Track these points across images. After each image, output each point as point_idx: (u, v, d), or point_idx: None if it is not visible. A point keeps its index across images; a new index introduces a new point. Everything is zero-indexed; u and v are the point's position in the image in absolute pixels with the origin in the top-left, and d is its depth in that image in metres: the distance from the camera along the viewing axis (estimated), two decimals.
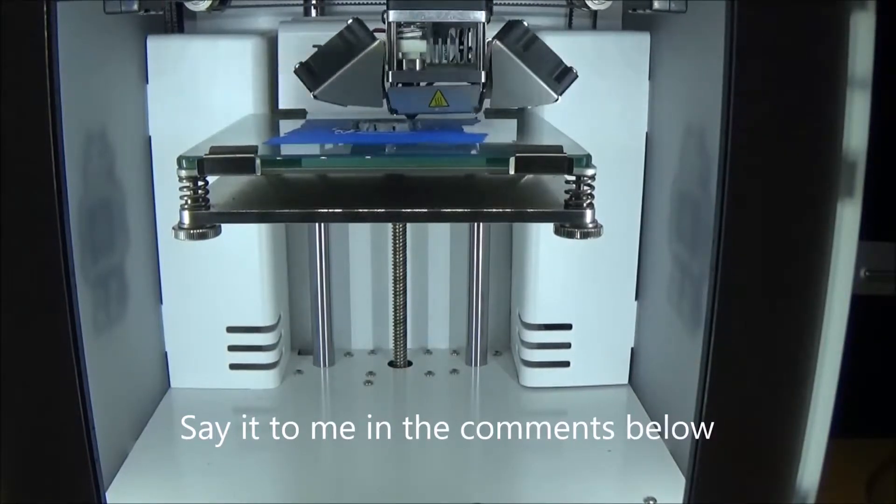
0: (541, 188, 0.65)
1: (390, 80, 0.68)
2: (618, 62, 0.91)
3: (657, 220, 0.93)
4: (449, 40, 0.69)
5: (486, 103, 0.71)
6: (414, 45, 0.68)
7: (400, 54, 0.68)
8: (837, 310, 0.67)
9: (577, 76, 0.71)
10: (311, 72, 0.69)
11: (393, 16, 0.67)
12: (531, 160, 0.60)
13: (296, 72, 0.69)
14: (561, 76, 0.70)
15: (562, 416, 0.96)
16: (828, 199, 0.63)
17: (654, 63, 0.91)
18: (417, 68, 0.69)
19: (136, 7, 0.74)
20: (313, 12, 0.98)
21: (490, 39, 0.69)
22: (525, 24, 0.71)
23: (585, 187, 0.61)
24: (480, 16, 0.67)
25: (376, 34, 0.69)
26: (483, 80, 0.69)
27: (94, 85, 0.79)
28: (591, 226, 0.61)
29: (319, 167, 0.65)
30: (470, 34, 0.68)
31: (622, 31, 0.98)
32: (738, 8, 0.58)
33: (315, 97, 0.69)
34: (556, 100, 0.70)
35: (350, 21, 0.71)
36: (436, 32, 0.68)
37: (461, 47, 0.69)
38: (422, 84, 0.70)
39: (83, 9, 0.72)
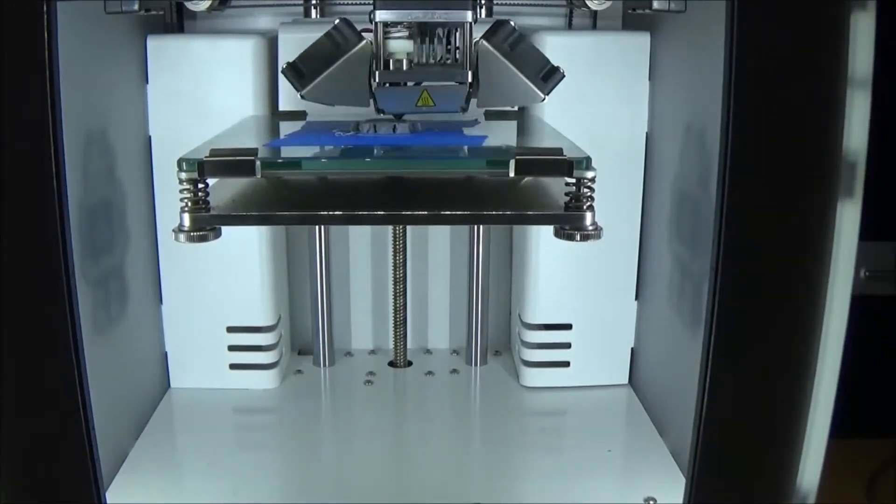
0: (541, 190, 0.65)
1: (377, 79, 0.68)
2: (618, 62, 0.91)
3: (657, 220, 0.93)
4: (436, 40, 0.69)
5: (473, 103, 0.71)
6: (401, 45, 0.68)
7: (387, 54, 0.68)
8: (837, 310, 0.67)
9: (563, 76, 0.71)
10: (298, 72, 0.69)
11: (379, 16, 0.67)
12: (531, 163, 0.60)
13: (283, 72, 0.69)
14: (548, 76, 0.70)
15: (562, 416, 0.97)
16: (828, 199, 0.63)
17: (654, 63, 0.91)
18: (404, 68, 0.69)
19: (136, 7, 0.74)
20: (313, 13, 0.98)
21: (477, 39, 0.69)
22: (512, 23, 0.71)
23: (585, 190, 0.61)
24: (467, 15, 0.67)
25: (364, 34, 0.69)
26: (469, 79, 0.68)
27: (94, 85, 0.79)
28: (591, 228, 0.61)
29: (320, 170, 0.65)
30: (457, 34, 0.68)
31: (622, 31, 0.98)
32: (738, 8, 0.58)
33: (302, 97, 0.69)
34: (543, 99, 0.70)
35: (337, 21, 0.71)
36: (423, 32, 0.68)
37: (449, 47, 0.69)
38: (409, 84, 0.70)
39: (83, 9, 0.72)
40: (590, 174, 0.60)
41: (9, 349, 0.61)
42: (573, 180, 0.60)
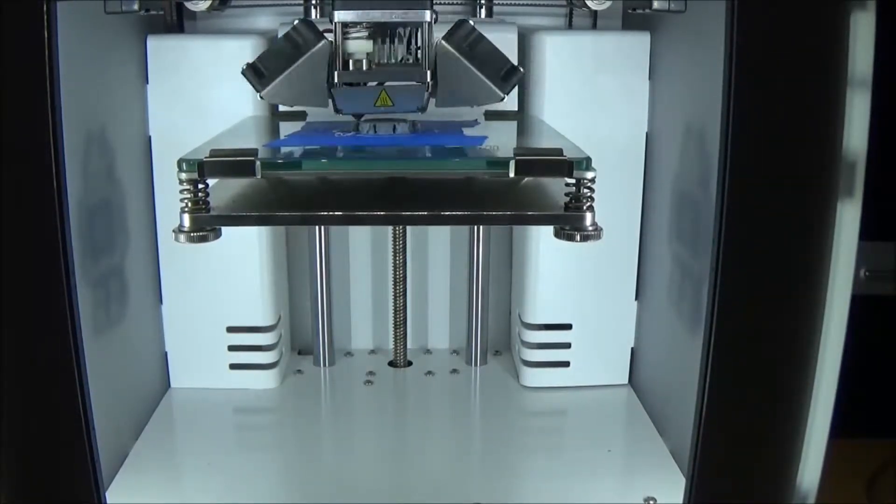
0: (540, 191, 0.65)
1: (336, 80, 0.68)
2: (618, 62, 0.91)
3: (657, 220, 0.93)
4: (397, 40, 0.69)
5: (432, 103, 0.71)
6: (359, 46, 0.68)
7: (346, 54, 0.68)
8: (837, 310, 0.67)
9: (523, 75, 0.71)
10: (257, 72, 0.69)
11: (338, 16, 0.67)
12: (531, 163, 0.60)
13: (243, 73, 0.69)
14: (507, 75, 0.70)
15: (562, 416, 0.97)
16: (828, 199, 0.63)
17: (654, 63, 0.91)
18: (364, 68, 0.68)
19: (136, 7, 0.74)
20: (313, 12, 0.98)
21: (437, 39, 0.69)
22: (471, 23, 0.71)
23: (585, 190, 0.61)
24: (426, 15, 0.67)
25: (326, 34, 0.69)
26: (429, 79, 0.68)
27: (94, 85, 0.79)
28: (591, 228, 0.61)
29: (320, 170, 0.65)
30: (418, 34, 0.68)
31: (622, 31, 0.98)
32: (738, 8, 0.58)
33: (261, 98, 0.68)
34: (503, 99, 0.70)
35: (296, 21, 0.71)
36: (383, 33, 0.68)
37: (410, 48, 0.69)
38: (369, 84, 0.69)
39: (83, 9, 0.72)
40: (590, 175, 0.60)
41: (9, 349, 0.61)
42: (573, 181, 0.60)
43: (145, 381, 0.95)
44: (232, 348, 0.98)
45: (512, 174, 0.60)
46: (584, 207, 0.61)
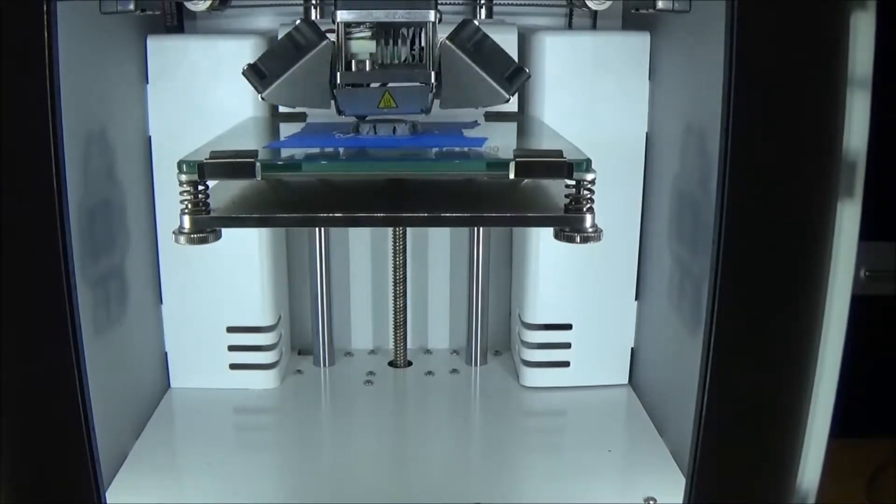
0: (540, 192, 0.65)
1: (339, 80, 0.67)
2: (618, 62, 0.91)
3: (657, 220, 0.93)
4: (400, 41, 0.68)
5: (437, 104, 0.71)
6: (362, 46, 0.67)
7: (349, 55, 0.67)
8: (837, 310, 0.67)
9: (529, 76, 0.70)
10: (259, 73, 0.68)
11: (340, 16, 0.66)
12: (531, 165, 0.60)
13: (244, 73, 0.68)
14: (512, 76, 0.69)
15: (562, 416, 0.97)
16: (828, 199, 0.63)
17: (654, 63, 0.91)
18: (367, 69, 0.68)
19: (132, 7, 0.74)
20: (313, 12, 0.98)
21: (441, 39, 0.68)
22: (476, 23, 0.71)
23: (585, 191, 0.61)
24: (430, 15, 0.66)
25: (329, 35, 0.68)
26: (433, 80, 0.68)
27: (94, 85, 0.79)
28: (591, 230, 0.61)
29: (320, 171, 0.64)
30: (422, 34, 0.68)
31: (622, 31, 0.98)
32: (738, 8, 0.58)
33: (263, 99, 0.68)
34: (508, 100, 0.69)
35: (298, 21, 0.71)
36: (386, 33, 0.68)
37: (413, 48, 0.69)
38: (372, 85, 0.69)
39: (83, 9, 0.72)
40: (590, 176, 0.60)
41: (9, 349, 0.61)
42: (573, 182, 0.60)
43: (145, 381, 0.95)
44: (232, 348, 0.98)
45: (512, 176, 0.60)
46: (584, 209, 0.61)
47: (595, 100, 0.91)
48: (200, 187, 0.60)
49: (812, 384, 0.66)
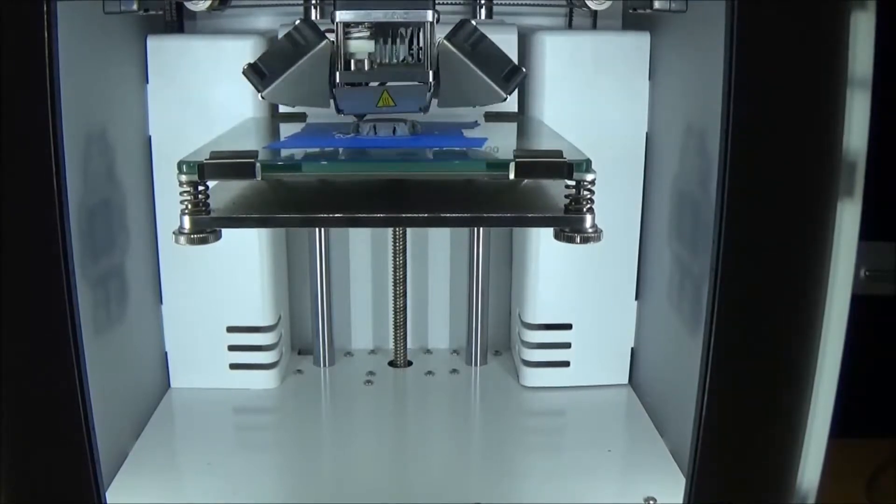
0: (540, 192, 0.65)
1: (338, 80, 0.68)
2: (618, 62, 0.91)
3: (657, 220, 0.93)
4: (399, 40, 0.69)
5: (436, 105, 0.71)
6: (361, 45, 0.68)
7: (348, 54, 0.68)
8: (837, 310, 0.67)
9: (525, 75, 0.71)
10: (259, 73, 0.69)
11: (339, 16, 0.66)
12: (531, 165, 0.60)
13: (244, 73, 0.68)
14: (510, 75, 0.70)
15: (562, 416, 0.97)
16: (828, 199, 0.63)
17: (654, 63, 0.91)
18: (366, 68, 0.68)
19: (135, 7, 0.74)
20: (313, 12, 0.98)
21: (440, 39, 0.69)
22: (473, 23, 0.71)
23: (585, 192, 0.61)
24: (428, 15, 0.67)
25: (328, 34, 0.69)
26: (431, 79, 0.68)
27: (94, 85, 0.79)
28: (591, 230, 0.61)
29: (320, 172, 0.64)
30: (420, 34, 0.68)
31: (622, 31, 0.98)
32: (738, 8, 0.58)
33: (263, 98, 0.68)
34: (505, 99, 0.70)
35: (297, 21, 0.71)
36: (385, 33, 0.68)
37: (412, 48, 0.69)
38: (370, 84, 0.69)
39: (83, 9, 0.72)
40: (590, 177, 0.60)
41: (9, 349, 0.61)
42: (573, 183, 0.60)
43: (145, 381, 0.95)
44: (232, 348, 0.98)
45: (512, 176, 0.60)
46: (584, 209, 0.61)
47: (595, 100, 0.91)
48: (200, 188, 0.61)
49: (812, 384, 0.66)
